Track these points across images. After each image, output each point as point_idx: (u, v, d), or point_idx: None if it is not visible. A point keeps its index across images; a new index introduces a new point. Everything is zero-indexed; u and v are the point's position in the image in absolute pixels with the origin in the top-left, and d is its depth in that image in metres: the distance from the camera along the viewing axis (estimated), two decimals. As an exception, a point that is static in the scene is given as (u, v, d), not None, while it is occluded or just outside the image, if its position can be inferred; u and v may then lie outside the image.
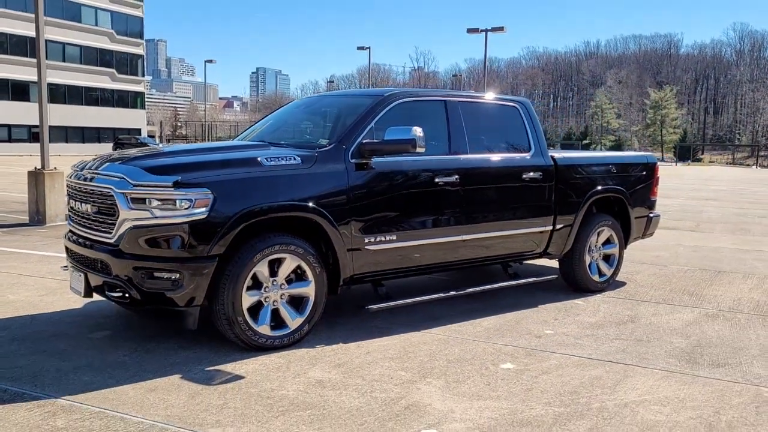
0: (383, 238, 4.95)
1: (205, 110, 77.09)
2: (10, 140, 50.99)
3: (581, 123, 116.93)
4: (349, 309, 5.59)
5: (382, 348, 4.64)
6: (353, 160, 4.84)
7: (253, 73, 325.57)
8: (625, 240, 6.91)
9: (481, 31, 32.93)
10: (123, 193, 4.19)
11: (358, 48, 49.59)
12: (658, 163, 7.37)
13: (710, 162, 78.36)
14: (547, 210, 6.06)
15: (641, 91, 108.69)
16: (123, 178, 4.23)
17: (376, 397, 3.75)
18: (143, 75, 64.33)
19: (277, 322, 4.52)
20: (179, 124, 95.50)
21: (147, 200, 4.15)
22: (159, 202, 4.14)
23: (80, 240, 4.61)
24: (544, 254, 6.29)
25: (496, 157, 5.74)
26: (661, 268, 7.97)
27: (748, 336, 5.16)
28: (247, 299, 4.35)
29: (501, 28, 32.61)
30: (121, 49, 60.36)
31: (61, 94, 56.05)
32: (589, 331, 5.21)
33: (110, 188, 4.25)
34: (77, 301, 5.63)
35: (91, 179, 4.47)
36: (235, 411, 3.50)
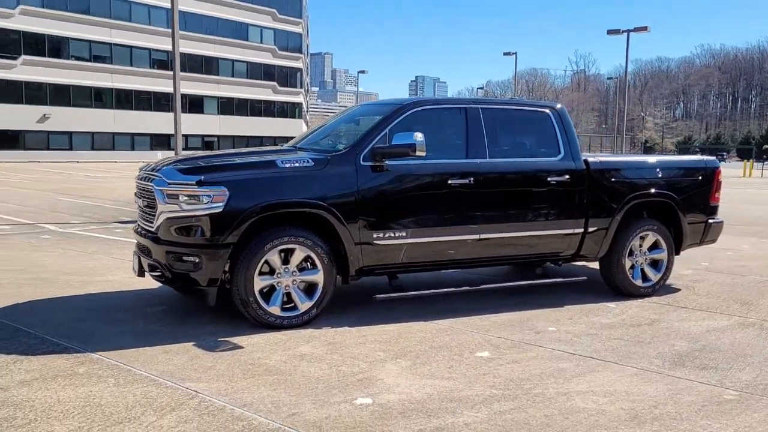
0: (392, 234, 5.43)
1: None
2: (186, 149, 56.63)
3: (763, 125, 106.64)
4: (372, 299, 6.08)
5: (380, 333, 5.12)
6: (366, 163, 5.37)
7: (412, 81, 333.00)
8: (676, 246, 6.76)
9: (623, 32, 31.56)
10: (160, 189, 5.06)
11: (505, 54, 49.39)
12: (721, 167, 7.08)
13: None
14: (578, 213, 6.17)
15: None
16: (162, 177, 5.11)
17: (340, 370, 4.26)
18: (301, 87, 68.61)
19: (289, 304, 5.17)
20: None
21: (178, 196, 4.98)
22: (187, 198, 4.95)
23: (138, 229, 5.58)
24: (578, 256, 6.39)
25: (517, 161, 5.98)
26: (735, 277, 7.62)
27: (766, 346, 4.99)
28: (259, 283, 5.04)
29: (644, 28, 31.05)
30: (282, 64, 64.96)
31: (231, 107, 61.52)
32: (595, 330, 5.31)
33: (152, 186, 5.15)
34: (156, 283, 6.64)
35: (144, 179, 5.40)
36: (217, 372, 4.19)
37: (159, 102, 55.88)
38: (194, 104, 57.90)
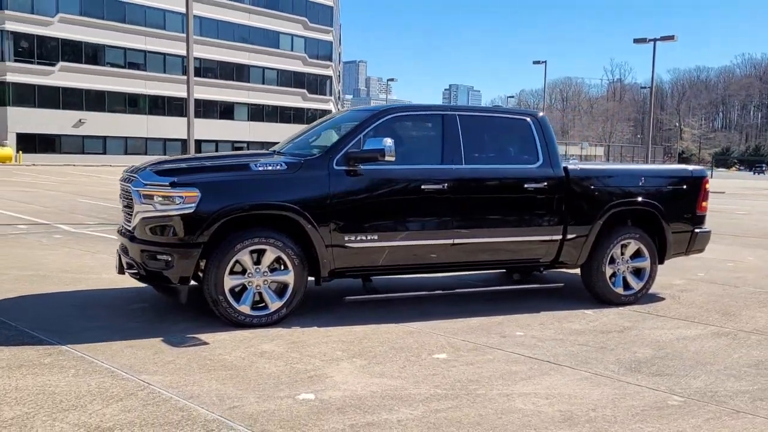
0: (364, 237, 5.54)
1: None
2: (216, 154, 57.73)
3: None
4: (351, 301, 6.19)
5: (346, 333, 5.22)
6: (340, 167, 5.49)
7: (445, 89, 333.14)
8: (660, 255, 6.73)
9: (650, 40, 31.16)
10: (137, 190, 5.25)
11: (534, 62, 49.14)
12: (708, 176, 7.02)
13: None
14: (556, 220, 6.19)
15: None
16: (139, 179, 5.30)
17: (294, 367, 4.38)
18: (331, 94, 69.33)
19: (260, 304, 5.31)
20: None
21: (153, 196, 5.17)
22: (161, 198, 5.14)
23: (121, 229, 5.79)
24: (557, 263, 6.40)
25: (493, 168, 6.04)
26: (727, 288, 7.53)
27: (731, 355, 4.96)
28: (229, 282, 5.19)
29: (671, 37, 30.63)
30: (312, 71, 65.80)
31: (262, 114, 62.43)
32: (563, 336, 5.34)
33: (130, 186, 5.35)
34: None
35: (125, 180, 5.61)
36: (175, 365, 4.34)
37: (191, 108, 57.11)
38: (225, 110, 58.99)
